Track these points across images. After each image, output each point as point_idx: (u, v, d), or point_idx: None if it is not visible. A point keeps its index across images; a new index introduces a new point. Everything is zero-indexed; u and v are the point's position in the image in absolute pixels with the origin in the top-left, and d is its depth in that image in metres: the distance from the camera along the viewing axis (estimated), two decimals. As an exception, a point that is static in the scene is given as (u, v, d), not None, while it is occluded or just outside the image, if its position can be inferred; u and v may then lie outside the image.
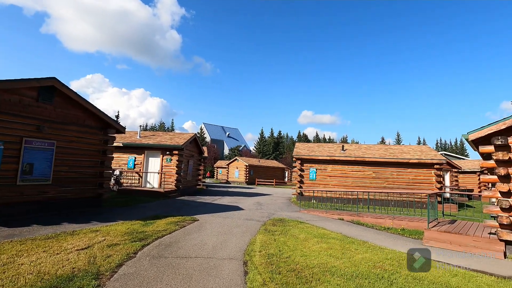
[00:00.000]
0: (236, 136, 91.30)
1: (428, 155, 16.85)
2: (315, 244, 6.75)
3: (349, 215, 11.39)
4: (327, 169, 17.83)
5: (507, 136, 7.00)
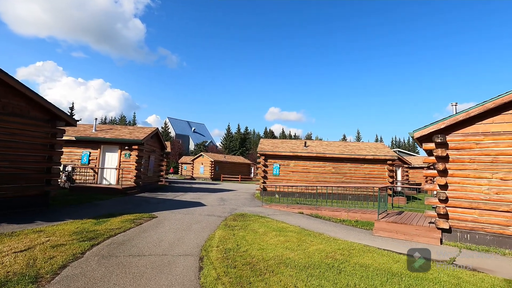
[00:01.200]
0: (202, 131, 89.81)
1: (382, 151, 18.06)
2: (273, 238, 6.91)
3: (309, 208, 11.83)
4: (290, 165, 18.29)
5: (446, 135, 7.74)
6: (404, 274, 4.80)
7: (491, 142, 7.19)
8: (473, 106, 7.35)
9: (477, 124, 7.43)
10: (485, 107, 7.14)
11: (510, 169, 6.89)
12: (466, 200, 7.36)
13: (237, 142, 70.86)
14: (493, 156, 7.12)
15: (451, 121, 7.55)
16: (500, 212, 6.93)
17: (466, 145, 7.48)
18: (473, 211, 7.26)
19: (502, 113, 7.15)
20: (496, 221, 6.96)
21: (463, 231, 7.34)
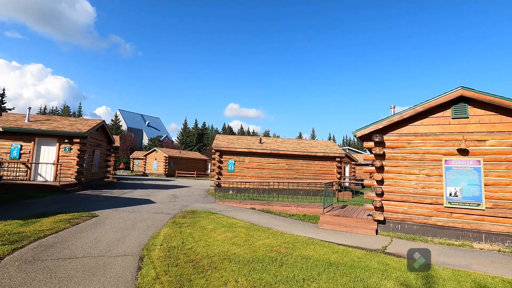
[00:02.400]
0: (157, 125, 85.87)
1: (332, 149, 19.11)
2: (221, 234, 6.88)
3: (261, 204, 12.04)
4: (245, 161, 18.39)
5: (383, 134, 8.44)
6: (340, 264, 5.13)
7: (420, 142, 8.03)
8: (407, 109, 8.12)
9: (409, 125, 8.23)
10: (416, 110, 7.94)
11: (434, 166, 7.78)
12: (398, 194, 8.13)
13: (194, 137, 69.22)
14: (421, 155, 7.96)
15: (388, 122, 8.25)
16: (425, 204, 7.79)
17: (400, 144, 8.25)
18: (403, 203, 8.05)
19: (429, 116, 8.01)
20: (421, 212, 7.82)
21: (395, 222, 8.11)
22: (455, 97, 7.56)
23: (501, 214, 6.99)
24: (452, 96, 7.55)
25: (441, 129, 7.83)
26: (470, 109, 7.57)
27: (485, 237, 7.10)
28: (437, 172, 7.71)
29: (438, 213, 7.63)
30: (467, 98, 7.52)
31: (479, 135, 7.39)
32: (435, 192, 7.69)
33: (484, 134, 7.35)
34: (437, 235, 7.56)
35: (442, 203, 7.59)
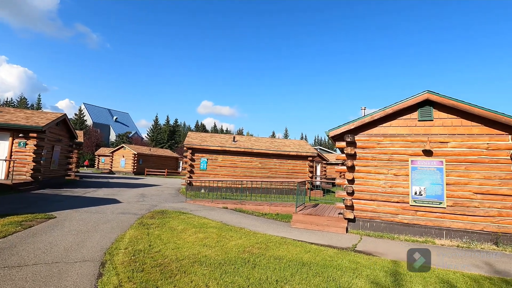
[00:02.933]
0: (126, 121, 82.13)
1: (304, 148, 19.40)
2: (192, 235, 6.61)
3: (233, 203, 11.85)
4: (218, 159, 18.08)
5: (355, 135, 8.63)
6: (313, 263, 5.12)
7: (389, 143, 8.31)
8: (377, 110, 8.37)
9: (379, 126, 8.49)
10: (385, 112, 8.20)
11: (401, 166, 8.10)
12: (368, 193, 8.36)
13: (166, 134, 67.17)
14: (389, 155, 8.25)
15: (359, 123, 8.45)
16: (392, 203, 8.09)
17: (370, 145, 8.49)
18: (373, 202, 8.29)
19: (398, 118, 8.33)
20: (389, 211, 8.10)
21: (364, 220, 8.33)
22: (421, 100, 7.91)
23: (460, 212, 7.44)
24: (418, 99, 7.90)
25: (408, 130, 8.16)
26: (434, 112, 7.97)
27: (446, 234, 7.52)
28: (404, 172, 8.03)
29: (404, 211, 7.95)
30: (432, 102, 7.91)
31: (442, 137, 7.80)
32: (401, 191, 8.01)
33: (447, 136, 7.77)
34: (403, 232, 7.88)
35: (408, 201, 7.92)
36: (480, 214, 7.28)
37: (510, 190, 7.11)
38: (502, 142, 7.30)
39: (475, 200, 7.36)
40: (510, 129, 7.24)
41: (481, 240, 7.22)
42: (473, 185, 7.42)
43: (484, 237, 7.22)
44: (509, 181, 7.15)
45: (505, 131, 7.30)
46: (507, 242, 7.00)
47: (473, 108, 7.34)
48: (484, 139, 7.44)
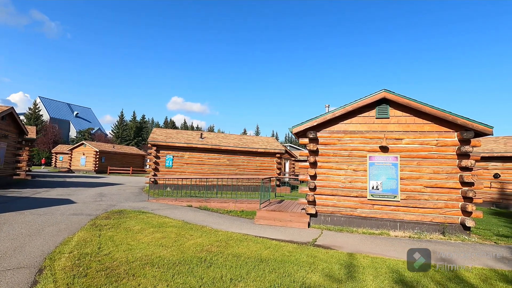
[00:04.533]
0: (88, 116, 77.28)
1: (272, 145, 19.54)
2: (148, 235, 6.30)
3: (198, 201, 11.58)
4: (184, 157, 17.59)
5: (317, 131, 8.79)
6: (271, 259, 5.09)
7: (349, 139, 8.57)
8: (338, 108, 8.57)
9: (340, 123, 8.72)
10: (346, 110, 8.43)
11: (360, 162, 8.38)
12: (329, 188, 8.56)
13: (132, 131, 64.23)
14: (349, 151, 8.51)
15: (321, 120, 8.60)
16: (352, 197, 8.36)
17: (331, 141, 8.69)
18: (333, 197, 8.51)
19: (358, 115, 8.60)
20: (349, 205, 8.37)
21: (326, 214, 8.53)
22: (378, 99, 8.24)
23: (412, 205, 7.88)
24: (376, 97, 8.21)
25: (367, 127, 8.47)
26: (390, 110, 8.34)
27: (399, 226, 7.93)
28: (363, 167, 8.33)
29: (363, 205, 8.26)
30: (389, 100, 8.26)
31: (397, 134, 8.19)
32: (360, 186, 8.31)
33: (401, 133, 8.17)
34: (361, 226, 8.18)
35: (366, 196, 8.24)
36: (429, 206, 7.77)
37: (455, 184, 7.66)
38: (449, 139, 7.83)
39: (425, 193, 7.84)
40: (456, 127, 7.78)
41: (430, 230, 7.71)
42: (424, 179, 7.89)
43: (433, 228, 7.71)
44: (455, 175, 7.69)
45: (452, 129, 7.84)
46: (452, 232, 7.54)
47: (424, 107, 7.78)
48: (434, 136, 7.94)
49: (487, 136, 7.93)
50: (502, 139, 15.88)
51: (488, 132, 7.45)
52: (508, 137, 15.94)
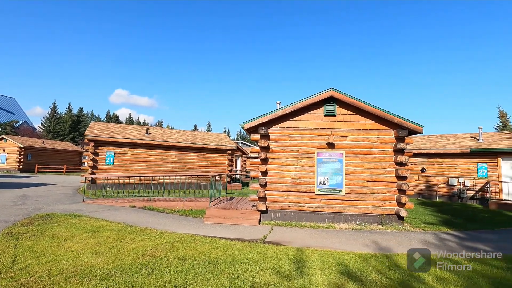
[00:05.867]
0: (10, 107, 67.07)
1: (224, 142, 19.21)
2: (80, 242, 5.54)
3: (143, 201, 10.75)
4: (127, 153, 16.24)
5: (268, 128, 8.77)
6: (220, 260, 4.85)
7: (299, 136, 8.73)
8: (288, 104, 8.66)
9: (290, 120, 8.83)
10: (296, 107, 8.56)
11: (309, 158, 8.61)
12: (279, 184, 8.62)
13: (67, 125, 57.67)
14: (299, 147, 8.67)
15: (272, 116, 8.60)
16: (301, 193, 8.54)
17: (282, 138, 8.75)
18: (284, 193, 8.60)
19: (307, 112, 8.80)
20: (298, 200, 8.54)
21: (276, 210, 8.58)
22: (326, 97, 8.53)
23: (355, 198, 8.37)
24: (324, 95, 8.49)
25: (315, 124, 8.72)
26: (337, 108, 8.71)
27: (344, 218, 8.36)
28: (311, 163, 8.57)
29: (311, 200, 8.50)
30: (336, 99, 8.61)
31: (343, 131, 8.60)
32: (309, 181, 8.53)
33: (346, 131, 8.60)
34: (309, 220, 8.42)
35: (314, 191, 8.49)
36: (369, 199, 8.33)
37: (392, 178, 8.33)
38: (387, 136, 8.48)
39: (367, 187, 8.38)
40: (393, 125, 8.45)
41: (370, 221, 8.27)
42: (365, 174, 8.42)
43: (373, 219, 8.29)
44: (392, 170, 8.36)
45: (389, 127, 8.49)
46: (389, 222, 8.20)
47: (366, 106, 8.29)
48: (374, 134, 8.52)
49: (417, 134, 8.79)
50: (428, 137, 18.00)
51: (419, 130, 8.24)
52: (432, 135, 18.13)
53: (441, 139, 17.15)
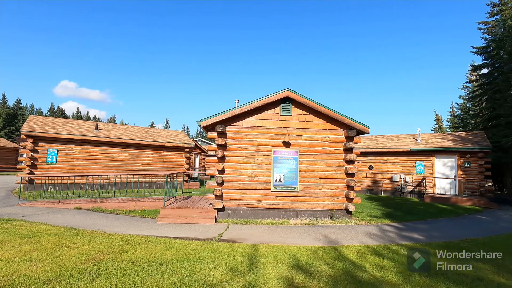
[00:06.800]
0: None
1: (181, 139, 18.68)
2: (12, 249, 4.98)
3: (90, 202, 10.00)
4: (73, 151, 14.95)
5: (226, 126, 8.75)
6: (172, 261, 4.73)
7: (256, 134, 8.85)
8: (246, 103, 8.73)
9: (248, 118, 8.91)
10: (253, 105, 8.67)
11: (266, 156, 8.78)
12: (236, 182, 8.67)
13: (1, 118, 51.08)
14: (256, 146, 8.80)
15: (230, 114, 8.60)
16: (257, 190, 8.69)
17: (240, 136, 8.80)
18: (240, 191, 8.67)
19: (264, 111, 8.96)
20: (254, 198, 8.67)
21: (232, 208, 8.62)
22: (283, 97, 8.78)
23: (308, 195, 8.76)
24: (281, 95, 8.72)
25: (272, 123, 8.92)
26: (293, 108, 9.01)
27: (298, 214, 8.70)
28: (268, 161, 8.75)
29: (267, 197, 8.69)
30: (292, 99, 8.91)
31: (298, 131, 8.93)
32: (265, 179, 8.71)
33: (301, 130, 8.94)
34: (265, 217, 8.60)
35: (270, 188, 8.70)
36: (322, 195, 8.78)
37: (342, 175, 8.88)
38: (338, 136, 9.00)
39: (319, 184, 8.82)
40: (344, 126, 9.00)
41: (322, 216, 8.73)
42: (318, 171, 8.85)
43: (324, 214, 8.76)
44: (342, 167, 8.91)
45: (340, 127, 9.03)
46: (338, 216, 8.74)
47: (319, 107, 8.71)
48: (327, 133, 8.99)
49: (365, 134, 9.48)
50: (375, 137, 19.51)
51: (366, 131, 8.90)
52: (379, 136, 19.69)
53: (386, 139, 18.71)
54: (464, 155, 14.77)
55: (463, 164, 14.78)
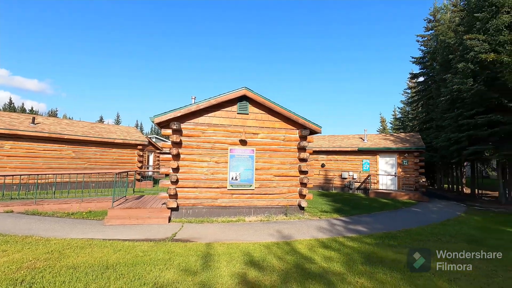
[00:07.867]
0: None
1: (133, 136, 17.68)
2: None
3: (24, 204, 8.95)
4: (4, 147, 13.21)
5: (181, 122, 8.51)
6: (120, 264, 4.48)
7: (212, 132, 8.76)
8: (203, 100, 8.59)
9: (204, 116, 8.77)
10: (210, 103, 8.56)
11: (222, 155, 8.74)
12: (192, 180, 8.49)
13: None
14: (212, 144, 8.71)
15: (186, 111, 8.38)
16: (213, 189, 8.61)
17: (195, 133, 8.63)
18: (196, 189, 8.51)
19: (221, 109, 8.91)
20: (210, 196, 8.59)
21: (187, 207, 8.43)
22: (240, 95, 8.81)
23: (264, 192, 8.95)
24: (238, 94, 8.75)
25: (229, 121, 8.91)
26: (250, 107, 9.10)
27: (254, 211, 8.84)
28: (224, 159, 8.73)
29: (223, 195, 8.67)
30: (249, 98, 8.99)
31: (254, 129, 9.05)
32: (221, 177, 8.68)
33: (258, 129, 9.08)
34: (221, 215, 8.57)
35: (226, 186, 8.69)
36: (276, 192, 9.04)
37: (295, 172, 9.24)
38: (293, 135, 9.34)
39: (274, 181, 9.06)
40: (298, 125, 9.36)
41: (277, 213, 8.99)
42: (273, 169, 9.09)
43: (279, 210, 9.03)
44: (296, 165, 9.27)
45: (295, 127, 9.37)
46: (292, 212, 9.08)
47: (275, 106, 8.94)
48: (282, 132, 9.26)
49: (318, 134, 9.99)
50: (328, 137, 20.64)
51: (318, 130, 9.37)
52: (331, 135, 20.87)
53: (337, 138, 19.92)
54: (403, 154, 16.40)
55: (402, 162, 16.40)
